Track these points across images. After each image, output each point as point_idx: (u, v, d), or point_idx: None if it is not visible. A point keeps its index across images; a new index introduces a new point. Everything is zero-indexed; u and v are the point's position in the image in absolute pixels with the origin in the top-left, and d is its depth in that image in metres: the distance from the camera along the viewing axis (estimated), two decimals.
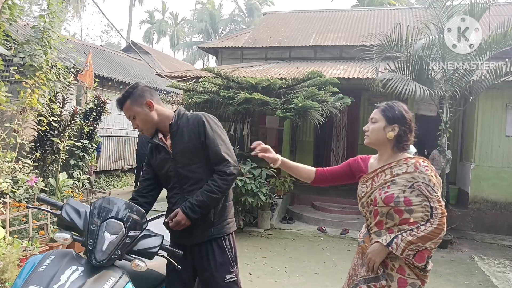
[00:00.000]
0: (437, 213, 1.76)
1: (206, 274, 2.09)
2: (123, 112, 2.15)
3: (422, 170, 1.80)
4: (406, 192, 1.79)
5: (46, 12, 4.93)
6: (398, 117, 1.87)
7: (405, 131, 1.87)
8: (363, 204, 1.95)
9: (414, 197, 1.78)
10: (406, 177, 1.81)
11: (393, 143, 1.89)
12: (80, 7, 26.01)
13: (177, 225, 2.01)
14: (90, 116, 6.81)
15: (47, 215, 4.47)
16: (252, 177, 6.57)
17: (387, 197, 1.81)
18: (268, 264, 5.06)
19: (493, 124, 7.49)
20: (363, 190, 1.95)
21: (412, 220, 1.78)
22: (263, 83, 6.96)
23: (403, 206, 1.79)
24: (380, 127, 1.89)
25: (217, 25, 38.52)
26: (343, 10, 13.65)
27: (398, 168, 1.85)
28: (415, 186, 1.79)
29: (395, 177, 1.84)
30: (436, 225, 1.75)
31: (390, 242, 1.78)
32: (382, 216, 1.85)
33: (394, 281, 1.81)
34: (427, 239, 1.74)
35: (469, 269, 5.33)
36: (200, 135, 2.09)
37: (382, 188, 1.85)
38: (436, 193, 1.78)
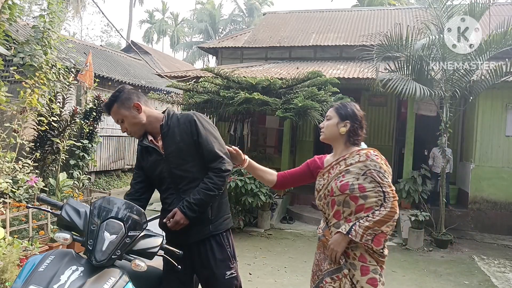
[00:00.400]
0: (389, 197, 1.89)
1: (206, 272, 2.09)
2: (111, 116, 2.14)
3: (373, 159, 1.94)
4: (359, 179, 1.92)
5: (46, 12, 4.93)
6: (350, 114, 2.04)
7: (356, 127, 2.02)
8: (321, 197, 2.06)
9: (367, 184, 1.91)
10: (359, 166, 1.94)
11: (345, 138, 2.04)
12: (80, 7, 26.00)
13: (176, 224, 2.00)
14: (90, 116, 6.82)
15: (47, 215, 4.47)
16: (252, 177, 6.57)
17: (342, 185, 1.94)
18: (268, 264, 5.06)
19: (493, 124, 7.48)
20: (320, 183, 2.08)
21: (367, 206, 1.90)
22: (263, 83, 6.96)
23: (357, 192, 1.91)
24: (334, 123, 2.05)
25: (217, 25, 38.51)
26: (343, 10, 13.65)
27: (351, 158, 1.99)
28: (368, 173, 1.92)
29: (349, 167, 1.97)
30: (389, 208, 1.87)
31: (349, 230, 1.88)
32: (339, 205, 1.96)
33: (357, 270, 1.91)
34: (382, 223, 1.86)
35: (469, 269, 5.33)
36: (192, 135, 2.09)
37: (337, 178, 1.98)
38: (387, 178, 1.92)
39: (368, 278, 1.89)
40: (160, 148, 2.12)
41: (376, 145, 10.65)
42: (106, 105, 2.13)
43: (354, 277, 1.91)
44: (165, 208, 2.16)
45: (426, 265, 5.46)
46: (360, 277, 1.90)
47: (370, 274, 1.90)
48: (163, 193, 2.18)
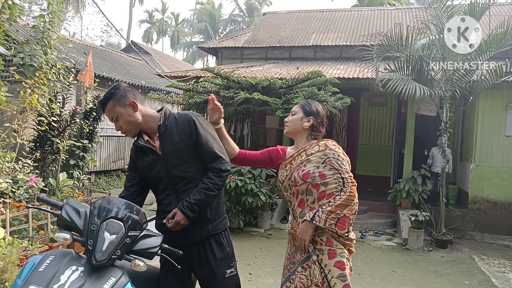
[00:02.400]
0: (347, 182, 2.01)
1: (206, 271, 2.08)
2: (105, 114, 2.10)
3: (331, 148, 2.09)
4: (320, 167, 2.05)
5: (46, 12, 4.93)
6: (314, 111, 2.20)
7: (318, 123, 2.19)
8: (286, 188, 2.19)
9: (327, 171, 2.04)
10: (319, 155, 2.09)
11: (308, 132, 2.19)
12: (80, 7, 26.00)
13: (176, 225, 1.98)
14: (90, 116, 6.82)
15: (47, 215, 4.47)
16: (252, 177, 6.57)
17: (304, 174, 2.06)
18: (268, 264, 5.06)
19: (493, 124, 7.48)
20: (284, 175, 2.20)
21: (328, 193, 2.01)
22: (263, 83, 6.96)
23: (318, 180, 2.03)
24: (298, 118, 2.20)
25: (217, 25, 38.51)
26: (343, 10, 13.64)
27: (311, 149, 2.14)
28: (327, 162, 2.06)
29: (309, 156, 2.11)
30: (348, 193, 1.99)
31: (313, 216, 1.99)
32: (302, 194, 2.08)
33: (325, 254, 2.01)
34: (343, 206, 1.97)
35: (469, 269, 5.33)
36: (191, 135, 2.07)
37: (299, 168, 2.11)
38: (345, 166, 2.06)
39: (336, 262, 1.99)
40: (157, 148, 2.09)
41: (376, 145, 10.65)
42: (101, 102, 2.08)
43: (322, 261, 2.01)
44: (162, 209, 2.12)
45: (426, 265, 5.46)
46: (328, 260, 2.00)
47: (337, 257, 2.00)
48: (160, 194, 2.13)
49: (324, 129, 2.24)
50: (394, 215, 7.70)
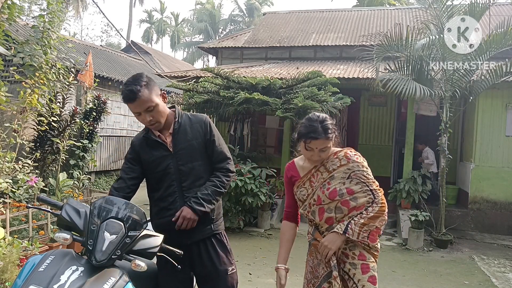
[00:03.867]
0: (377, 194, 1.91)
1: (208, 269, 2.10)
2: (136, 104, 1.96)
3: (354, 159, 1.96)
4: (346, 183, 1.93)
5: (46, 12, 4.92)
6: (332, 132, 1.94)
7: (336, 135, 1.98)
8: (305, 206, 2.04)
9: (354, 186, 1.92)
10: (342, 170, 1.95)
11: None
12: (81, 8, 26.00)
13: (184, 220, 1.98)
14: (90, 116, 6.82)
15: (47, 215, 4.47)
16: (252, 177, 6.57)
17: (331, 193, 1.93)
18: (268, 264, 5.06)
19: (493, 124, 7.48)
20: (303, 193, 2.04)
21: (359, 206, 1.91)
22: (263, 83, 6.96)
23: (347, 196, 1.91)
24: (330, 147, 1.97)
25: (217, 25, 38.50)
26: (343, 10, 13.64)
27: (332, 163, 1.97)
28: (353, 176, 1.93)
29: (332, 173, 1.96)
30: (380, 204, 1.90)
31: (345, 229, 1.87)
32: (330, 212, 1.95)
33: (358, 268, 1.92)
34: (376, 218, 1.87)
35: (469, 269, 5.33)
36: (205, 134, 2.14)
37: (323, 186, 1.96)
38: (370, 175, 1.95)
39: (369, 276, 1.91)
40: (168, 144, 2.11)
41: (376, 145, 10.67)
42: (135, 90, 1.93)
43: (355, 276, 1.91)
44: (165, 206, 2.11)
45: (426, 265, 5.45)
46: (361, 275, 1.90)
47: (370, 272, 1.92)
48: (163, 191, 2.12)
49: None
50: (394, 215, 7.70)
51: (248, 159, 7.15)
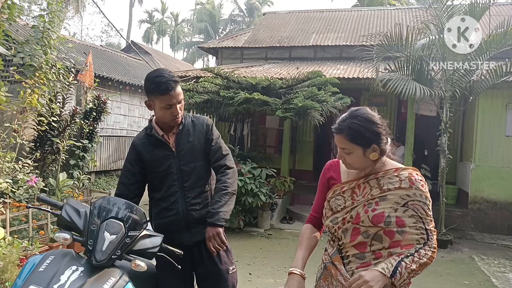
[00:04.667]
0: (432, 236, 1.56)
1: (210, 269, 2.11)
2: (173, 96, 2.00)
3: (418, 187, 1.56)
4: (398, 211, 1.54)
5: (46, 12, 4.93)
6: (372, 137, 1.56)
7: (385, 142, 1.58)
8: (337, 220, 1.63)
9: (407, 218, 1.53)
10: (400, 194, 1.55)
11: (376, 158, 1.60)
12: (80, 7, 26.00)
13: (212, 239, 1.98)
14: (90, 116, 6.82)
15: (47, 215, 4.47)
16: (252, 177, 6.57)
17: (376, 216, 1.54)
18: (268, 264, 5.06)
19: (493, 124, 7.48)
20: (339, 203, 1.64)
21: (405, 243, 1.53)
22: (263, 83, 6.96)
23: (394, 227, 1.53)
24: (360, 155, 1.57)
25: (217, 25, 38.50)
26: (343, 10, 13.65)
27: (389, 181, 1.58)
28: (410, 205, 1.54)
29: (386, 193, 1.57)
30: (433, 249, 1.55)
31: (393, 271, 1.48)
32: (366, 238, 1.56)
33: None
34: (425, 266, 1.53)
35: (469, 269, 5.33)
36: (206, 134, 2.17)
37: (368, 205, 1.57)
38: (430, 212, 1.57)
39: None
40: (171, 144, 2.12)
41: None
42: (175, 81, 2.02)
43: None
44: (166, 206, 2.11)
45: None
46: None
47: None
48: (165, 191, 2.12)
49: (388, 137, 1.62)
50: None
51: (248, 159, 7.15)
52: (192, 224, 2.08)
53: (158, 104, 2.03)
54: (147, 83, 2.04)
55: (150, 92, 2.03)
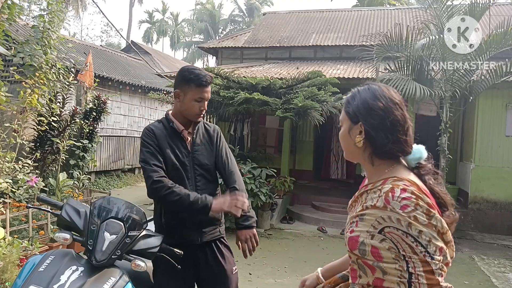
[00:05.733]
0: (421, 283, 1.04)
1: (215, 269, 2.12)
2: (207, 90, 2.06)
3: (394, 208, 1.05)
4: (374, 238, 1.09)
5: (46, 12, 4.93)
6: (361, 110, 1.18)
7: (376, 129, 1.15)
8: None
9: (385, 251, 1.08)
10: (375, 215, 1.09)
11: (368, 151, 1.19)
12: (81, 8, 26.00)
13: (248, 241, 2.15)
14: (90, 116, 6.81)
15: (47, 215, 4.47)
16: (252, 177, 6.57)
17: (350, 240, 1.16)
18: (268, 264, 5.06)
19: (493, 124, 7.48)
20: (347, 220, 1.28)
21: (387, 285, 1.09)
22: (263, 83, 6.96)
23: (371, 259, 1.10)
24: (345, 130, 1.23)
25: (217, 25, 38.52)
26: (343, 10, 13.65)
27: (372, 196, 1.14)
28: (386, 234, 1.07)
29: (364, 211, 1.14)
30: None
31: None
32: (354, 264, 1.20)
33: None
34: None
35: (469, 269, 5.33)
36: (217, 140, 2.21)
37: (352, 223, 1.19)
38: (423, 247, 1.04)
39: None
40: (188, 142, 2.13)
41: None
42: (210, 77, 2.09)
43: None
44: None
45: None
46: None
47: None
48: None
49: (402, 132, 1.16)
50: None
51: (248, 159, 7.15)
52: (203, 224, 2.09)
53: (191, 95, 2.02)
54: (185, 73, 2.04)
55: (186, 82, 2.03)
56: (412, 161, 1.21)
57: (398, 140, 1.15)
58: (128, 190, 10.69)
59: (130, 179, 11.98)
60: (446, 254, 1.09)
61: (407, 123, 1.18)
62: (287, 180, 7.60)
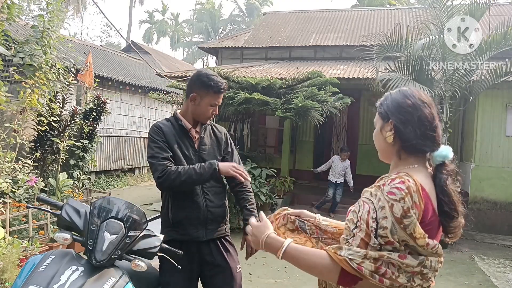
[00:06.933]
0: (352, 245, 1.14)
1: (221, 266, 2.14)
2: (221, 97, 2.16)
3: (384, 190, 1.14)
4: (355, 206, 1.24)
5: (45, 12, 4.93)
6: (390, 108, 1.27)
7: (405, 124, 1.22)
8: None
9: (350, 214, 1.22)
10: (371, 191, 1.20)
11: (397, 145, 1.25)
12: (81, 8, 26.00)
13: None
14: (90, 116, 6.80)
15: (47, 215, 4.47)
16: (252, 177, 6.57)
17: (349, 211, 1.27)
18: (268, 264, 5.06)
19: (493, 124, 7.48)
20: None
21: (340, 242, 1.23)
22: (263, 83, 6.97)
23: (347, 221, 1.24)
24: (378, 129, 1.32)
25: (217, 25, 38.54)
26: (343, 10, 13.65)
27: (380, 181, 1.23)
28: (360, 200, 1.21)
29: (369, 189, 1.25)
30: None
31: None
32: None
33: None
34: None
35: (469, 269, 5.33)
36: (226, 145, 2.26)
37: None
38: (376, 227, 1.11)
39: None
40: (195, 140, 2.16)
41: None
42: (225, 84, 2.18)
43: None
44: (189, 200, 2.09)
45: None
46: None
47: None
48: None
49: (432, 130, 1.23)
50: None
51: (248, 159, 7.15)
52: (209, 221, 2.12)
53: (208, 100, 2.11)
54: (205, 79, 2.10)
55: (205, 87, 2.09)
56: (437, 158, 1.25)
57: (425, 135, 1.22)
58: (128, 190, 10.69)
59: (130, 179, 11.98)
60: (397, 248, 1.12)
61: (435, 121, 1.24)
62: (287, 180, 7.60)
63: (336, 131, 10.62)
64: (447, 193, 1.19)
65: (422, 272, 1.14)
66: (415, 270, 1.13)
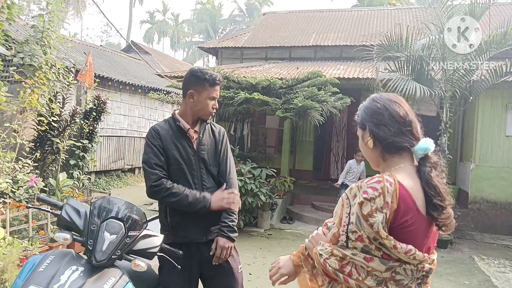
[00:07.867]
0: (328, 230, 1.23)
1: (223, 266, 2.13)
2: (218, 89, 2.14)
3: (361, 187, 1.17)
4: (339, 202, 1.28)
5: (45, 12, 4.93)
6: (364, 116, 1.32)
7: (378, 125, 1.26)
8: None
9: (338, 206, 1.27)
10: (353, 189, 1.22)
11: (379, 148, 1.29)
12: (81, 8, 25.99)
13: (223, 250, 2.05)
14: (90, 116, 6.80)
15: (47, 215, 4.47)
16: (252, 177, 6.57)
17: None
18: (268, 264, 5.04)
19: (493, 124, 7.49)
20: None
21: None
22: (263, 83, 6.96)
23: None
24: (361, 141, 1.36)
25: (217, 25, 38.54)
26: (343, 10, 13.65)
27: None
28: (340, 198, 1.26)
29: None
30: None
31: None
32: None
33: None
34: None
35: (469, 269, 5.33)
36: (221, 144, 2.23)
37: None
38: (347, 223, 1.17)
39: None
40: (193, 140, 2.14)
41: None
42: (221, 77, 2.18)
43: None
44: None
45: None
46: None
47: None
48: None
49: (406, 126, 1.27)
50: None
51: (248, 159, 7.15)
52: (208, 222, 2.11)
53: (205, 94, 2.09)
54: (199, 74, 2.10)
55: (200, 81, 2.08)
56: (418, 152, 1.26)
57: (400, 131, 1.25)
58: (128, 190, 10.69)
59: (130, 179, 11.98)
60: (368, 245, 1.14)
61: (409, 116, 1.27)
62: (287, 180, 7.60)
63: (336, 131, 10.61)
64: (433, 185, 1.20)
65: (395, 278, 1.13)
66: (384, 276, 1.12)
